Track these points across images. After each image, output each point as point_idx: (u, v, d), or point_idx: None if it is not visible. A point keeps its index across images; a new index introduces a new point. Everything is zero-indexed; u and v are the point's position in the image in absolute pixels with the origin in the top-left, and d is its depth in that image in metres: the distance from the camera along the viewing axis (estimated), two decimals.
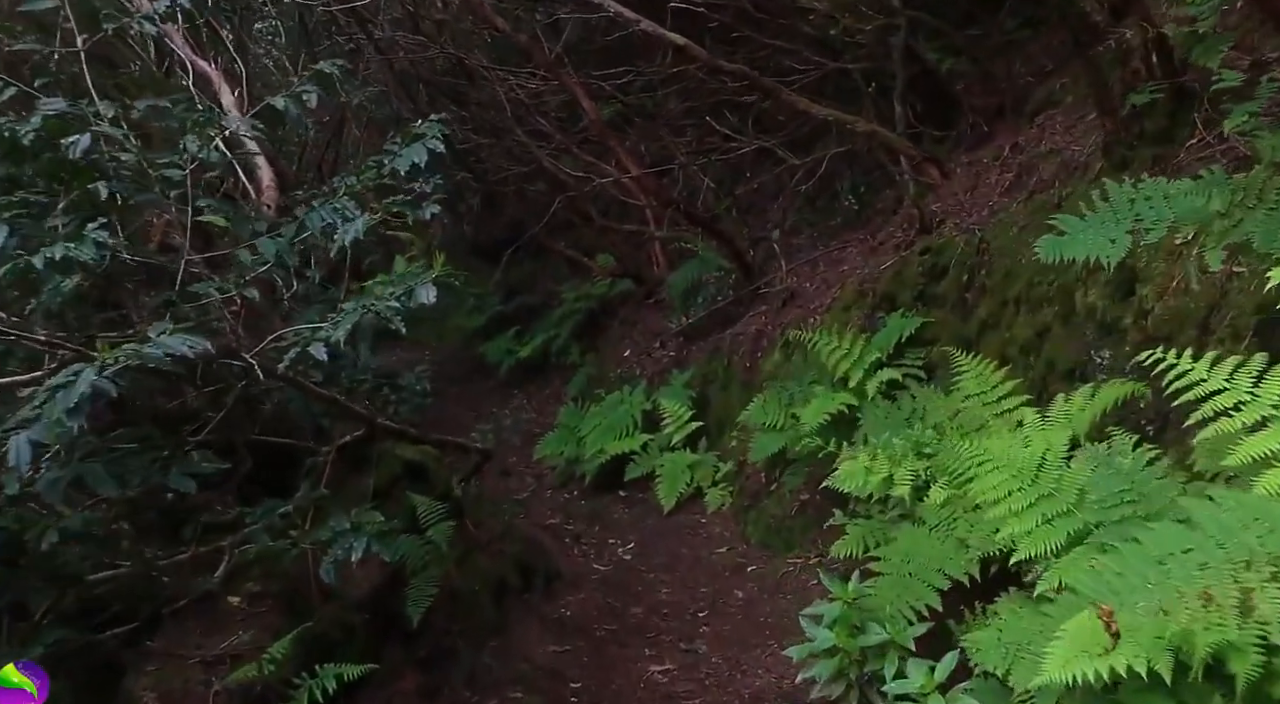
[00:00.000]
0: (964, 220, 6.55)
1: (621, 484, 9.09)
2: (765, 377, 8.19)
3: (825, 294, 8.12)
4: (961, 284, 6.19)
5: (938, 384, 6.22)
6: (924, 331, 6.41)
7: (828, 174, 10.03)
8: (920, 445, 5.12)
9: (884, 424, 5.80)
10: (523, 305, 14.11)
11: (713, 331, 9.76)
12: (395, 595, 5.31)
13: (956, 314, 6.22)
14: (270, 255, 4.15)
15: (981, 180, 7.23)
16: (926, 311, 6.49)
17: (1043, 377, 5.24)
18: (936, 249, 6.41)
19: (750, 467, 7.92)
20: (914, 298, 6.57)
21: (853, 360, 6.65)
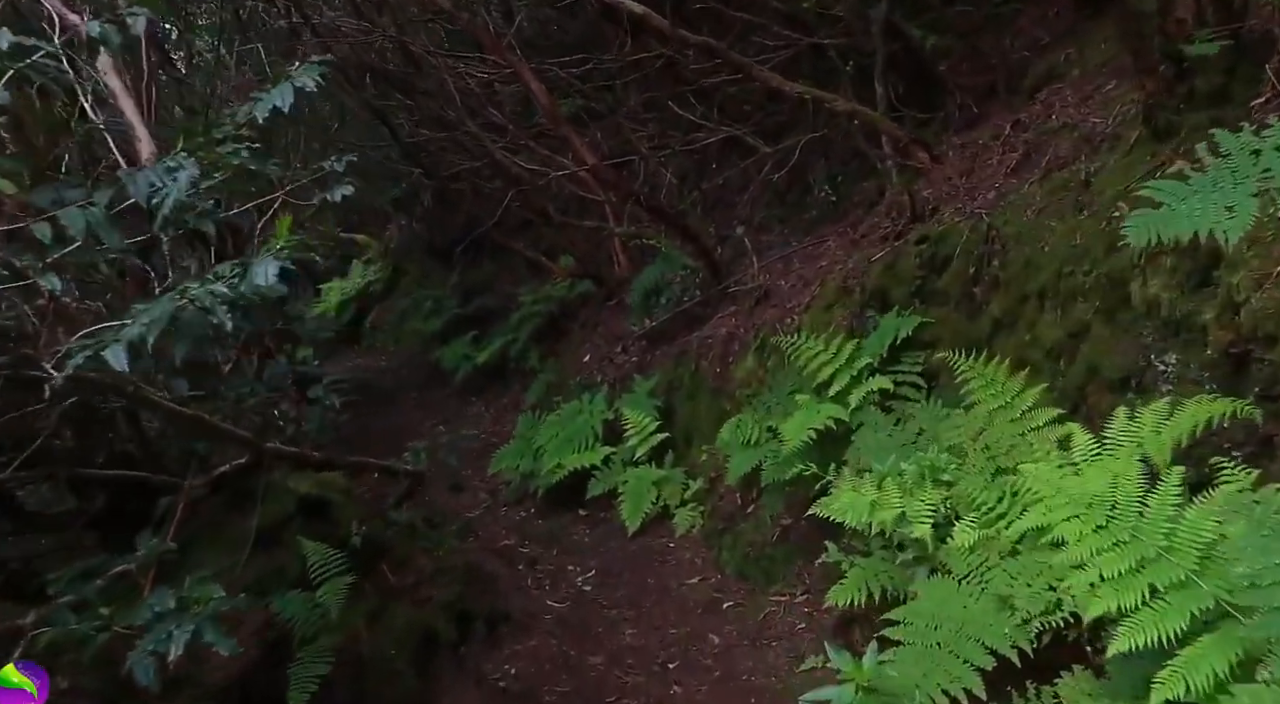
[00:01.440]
0: (965, 205, 5.42)
1: (582, 501, 7.89)
2: (738, 384, 7.02)
3: (803, 292, 6.97)
4: (967, 277, 5.05)
5: (940, 393, 5.09)
6: (923, 332, 5.28)
7: (799, 165, 8.92)
8: (936, 472, 3.97)
9: (885, 444, 4.66)
10: (481, 308, 12.86)
11: (679, 334, 8.58)
12: (277, 675, 4.01)
13: (962, 312, 5.09)
14: (79, 231, 2.91)
15: (978, 163, 6.11)
16: (925, 309, 5.35)
17: (1079, 387, 4.11)
18: (936, 238, 5.28)
19: (724, 484, 6.75)
20: (910, 294, 5.43)
21: (839, 366, 5.50)
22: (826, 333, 6.14)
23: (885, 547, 4.30)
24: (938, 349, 5.25)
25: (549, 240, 11.83)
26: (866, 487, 3.97)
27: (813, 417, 5.31)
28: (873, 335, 5.53)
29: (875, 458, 4.55)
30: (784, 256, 8.03)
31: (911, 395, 5.23)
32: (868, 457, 4.63)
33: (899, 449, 4.37)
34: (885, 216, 6.72)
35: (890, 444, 4.60)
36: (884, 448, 4.60)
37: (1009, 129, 5.95)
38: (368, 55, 9.50)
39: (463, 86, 9.54)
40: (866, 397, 5.31)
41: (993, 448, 3.91)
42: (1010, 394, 4.10)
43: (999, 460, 3.86)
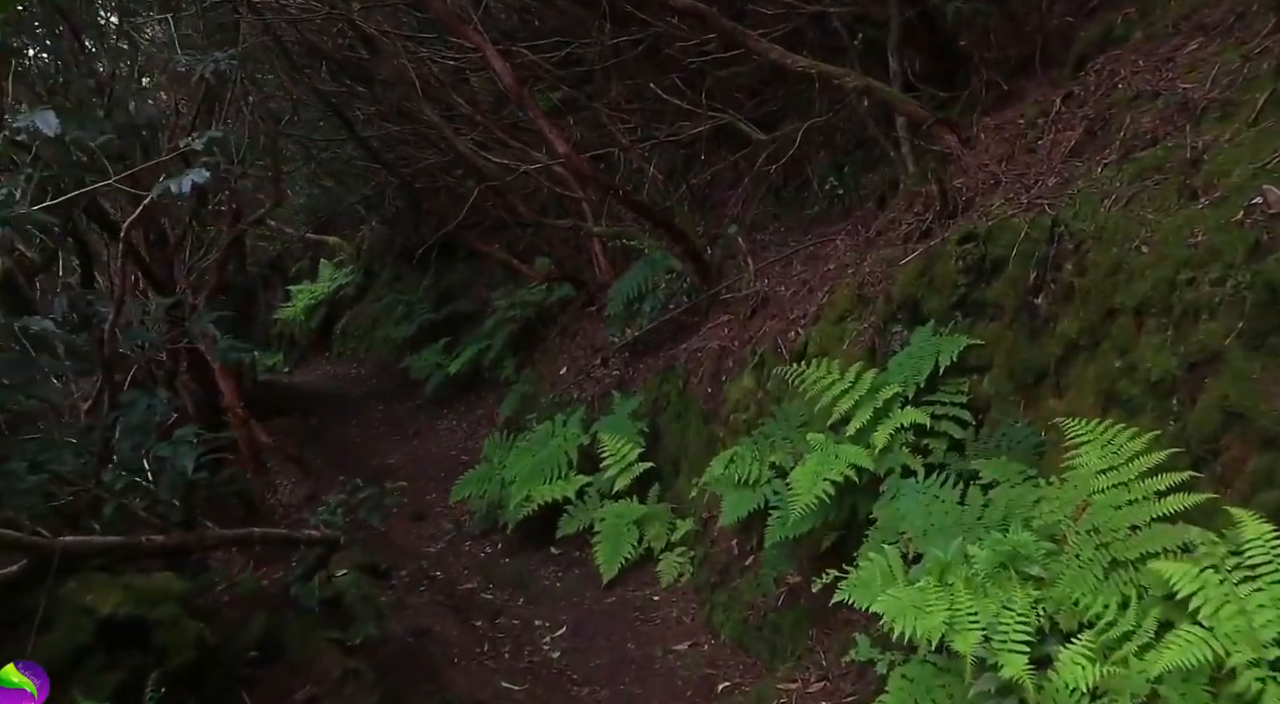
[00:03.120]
0: (1018, 195, 4.17)
1: (554, 538, 6.63)
2: (733, 406, 5.77)
3: (807, 300, 5.72)
4: (1027, 285, 3.81)
5: (993, 434, 3.85)
6: (968, 355, 4.03)
7: (798, 157, 7.65)
8: (1021, 561, 2.72)
9: (933, 510, 3.40)
10: (455, 313, 11.60)
11: (664, 346, 7.33)
12: None
13: (1020, 329, 3.84)
14: None
15: (1021, 145, 4.86)
16: (970, 325, 4.11)
17: (1207, 438, 2.87)
18: (985, 235, 4.03)
19: (717, 527, 5.51)
20: (950, 305, 4.18)
21: (859, 396, 4.24)
22: (840, 352, 4.91)
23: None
24: (987, 376, 4.02)
25: (525, 242, 10.56)
26: (927, 585, 2.71)
27: (829, 463, 4.05)
28: (901, 356, 4.29)
29: (923, 532, 3.31)
30: (783, 258, 6.78)
31: (953, 432, 3.98)
32: (912, 529, 3.38)
33: (959, 522, 3.12)
34: (906, 211, 5.47)
35: (943, 513, 3.35)
36: (931, 515, 3.35)
37: (1059, 104, 4.70)
38: (318, 37, 8.20)
39: (425, 73, 8.24)
40: (896, 436, 4.06)
41: (1101, 528, 2.65)
42: (1121, 451, 2.85)
43: (1113, 548, 2.61)
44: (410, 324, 11.85)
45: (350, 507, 4.24)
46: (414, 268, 12.83)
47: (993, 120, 5.33)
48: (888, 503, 3.92)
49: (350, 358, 13.62)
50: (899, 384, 4.19)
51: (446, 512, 8.02)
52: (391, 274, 13.35)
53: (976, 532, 3.02)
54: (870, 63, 6.22)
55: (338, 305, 13.98)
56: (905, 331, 4.48)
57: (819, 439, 4.25)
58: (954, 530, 3.10)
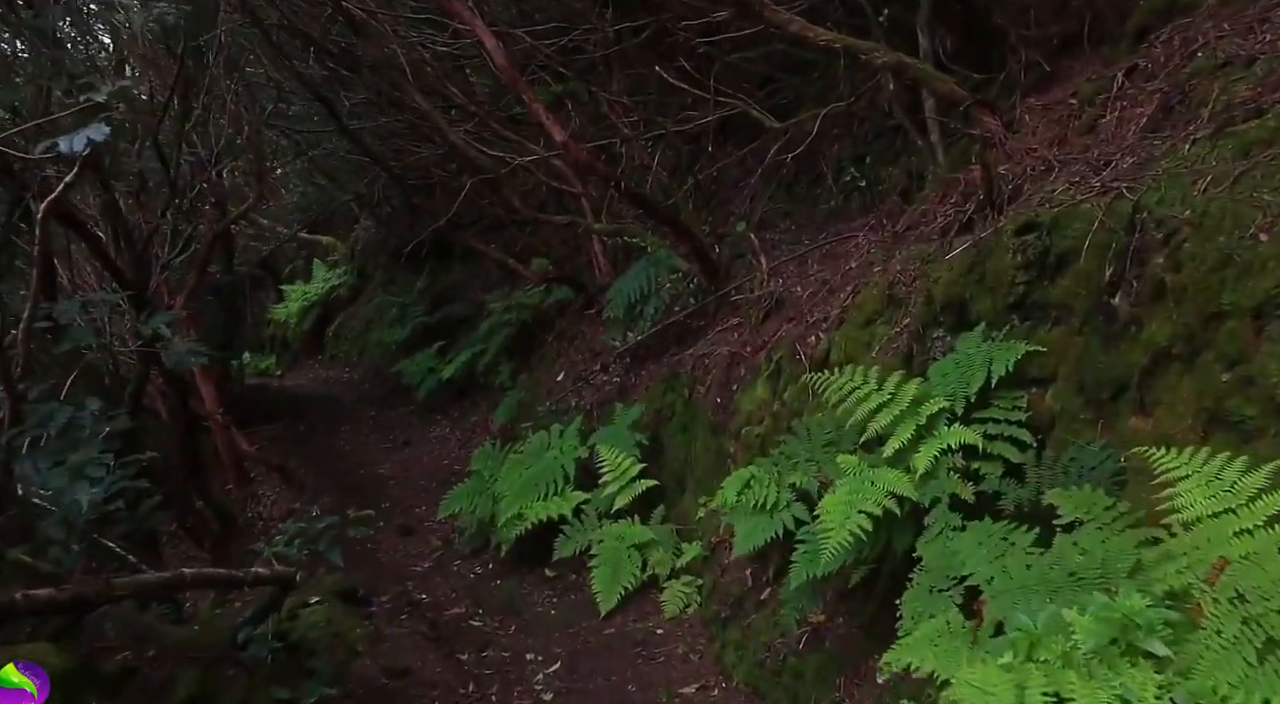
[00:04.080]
0: (1086, 179, 3.51)
1: (548, 559, 5.96)
2: (745, 419, 5.11)
3: (828, 301, 5.06)
4: (1102, 282, 3.15)
5: (1059, 457, 3.19)
6: (1027, 364, 3.37)
7: (811, 150, 7.01)
8: (1139, 635, 2.05)
9: (1005, 559, 2.74)
10: (449, 316, 10.94)
11: (668, 351, 6.67)
12: None
13: (1094, 333, 3.18)
14: None
15: (1073, 126, 4.22)
16: (1029, 329, 3.44)
17: None
18: (1049, 224, 3.36)
19: (728, 554, 4.85)
20: (1006, 306, 3.52)
21: (898, 411, 3.58)
22: (868, 358, 4.25)
23: None
24: (1050, 389, 3.36)
25: (523, 242, 9.90)
26: (1012, 663, 2.05)
27: (864, 491, 3.39)
28: (945, 365, 3.63)
29: (989, 580, 2.65)
30: (797, 257, 6.13)
31: (1010, 455, 3.32)
32: (976, 576, 2.72)
33: (1042, 579, 2.45)
34: (939, 203, 4.82)
35: (1015, 560, 2.68)
36: (1002, 563, 2.69)
37: (1121, 79, 4.05)
38: (301, 19, 7.55)
39: (416, 59, 7.59)
40: (942, 459, 3.40)
41: (1249, 596, 1.99)
42: (1237, 489, 2.19)
43: (1267, 624, 1.95)
44: (403, 327, 11.21)
45: (310, 537, 3.58)
46: (408, 268, 12.19)
47: (1038, 101, 4.68)
48: (935, 539, 3.26)
49: (343, 361, 12.96)
50: (944, 397, 3.53)
51: (436, 527, 7.36)
52: (385, 275, 12.70)
53: (1066, 589, 2.36)
54: (897, 42, 5.54)
55: (331, 307, 13.33)
56: (949, 337, 3.82)
57: (850, 462, 3.59)
58: (1037, 586, 2.43)
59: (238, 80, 7.91)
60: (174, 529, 7.26)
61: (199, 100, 7.28)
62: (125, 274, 6.68)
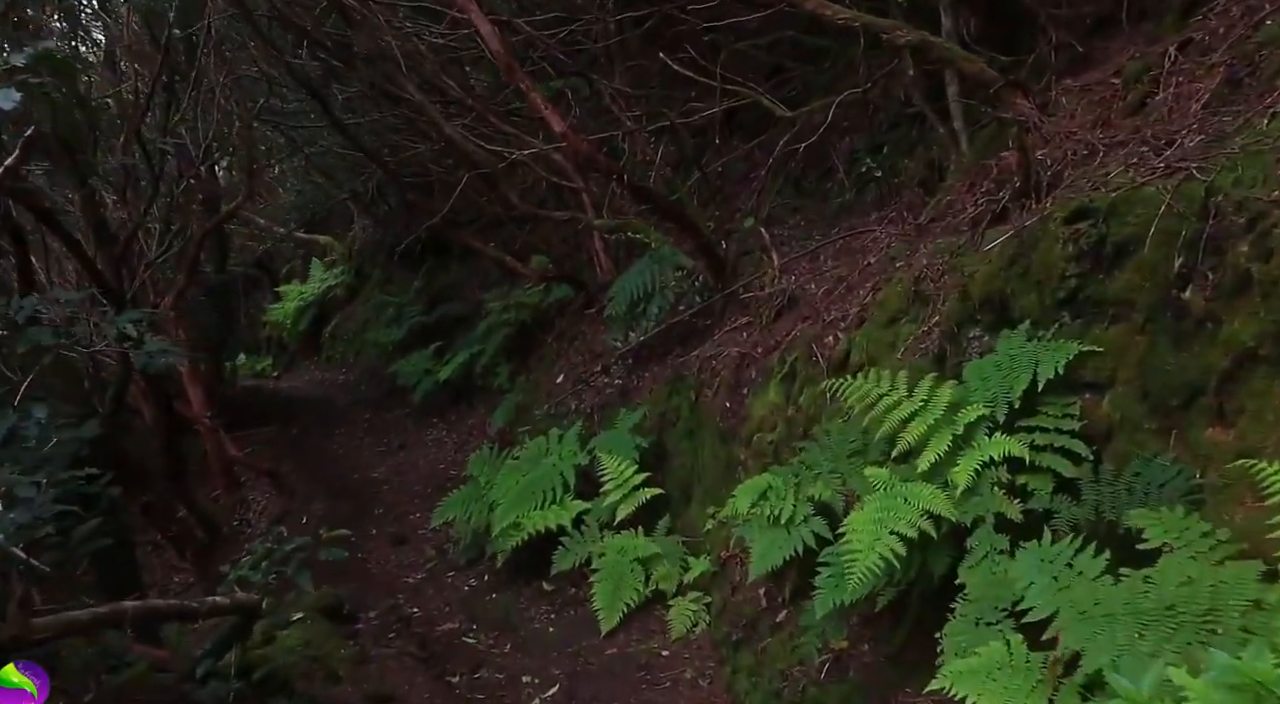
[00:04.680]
0: (1146, 159, 3.10)
1: (547, 572, 5.54)
2: (757, 424, 4.70)
3: (846, 299, 4.65)
4: (1170, 275, 2.74)
5: (1119, 472, 2.77)
6: (1080, 366, 2.95)
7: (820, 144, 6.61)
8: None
9: (1074, 591, 2.32)
10: (446, 316, 10.50)
11: (672, 352, 6.26)
12: None
13: (1161, 332, 2.77)
14: None
15: (1118, 107, 3.81)
16: (1083, 327, 3.03)
17: None
18: (1106, 210, 2.95)
19: (740, 570, 4.44)
20: (1054, 302, 3.10)
21: (932, 419, 3.16)
22: (893, 360, 3.84)
23: None
24: (1108, 394, 2.94)
25: (522, 240, 9.48)
26: None
27: (896, 509, 2.98)
28: (984, 367, 3.21)
29: (1056, 609, 2.23)
30: (809, 253, 5.72)
31: (1061, 469, 2.90)
32: (1038, 607, 2.30)
33: (1132, 614, 2.03)
34: (966, 193, 4.41)
35: (1087, 592, 2.26)
36: (1071, 595, 2.27)
37: (1174, 53, 3.64)
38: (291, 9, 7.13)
39: (411, 50, 7.18)
40: (984, 473, 2.99)
41: None
42: None
43: None
44: (400, 327, 10.77)
45: (279, 559, 3.17)
46: (406, 268, 11.78)
47: (1075, 82, 4.26)
48: (980, 564, 2.85)
49: (340, 362, 12.54)
50: (984, 404, 3.11)
51: (430, 535, 6.96)
52: (383, 275, 12.28)
53: (1160, 624, 1.94)
54: (917, 24, 5.11)
55: (328, 307, 12.91)
56: (987, 336, 3.41)
57: (880, 476, 3.18)
58: (1124, 622, 2.01)
59: (227, 73, 7.50)
60: (156, 538, 6.86)
61: (187, 93, 6.88)
62: (103, 272, 6.27)
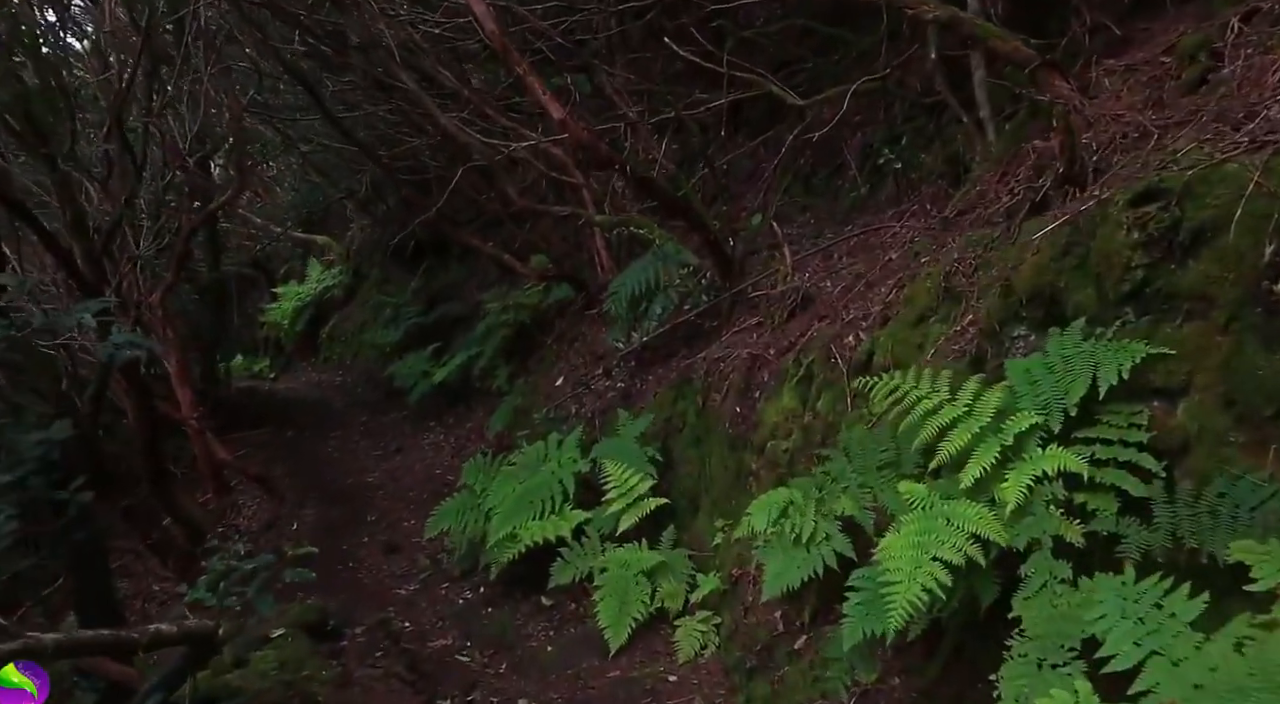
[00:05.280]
0: (1221, 133, 2.70)
1: (545, 585, 5.13)
2: (770, 431, 4.30)
3: (867, 297, 4.25)
4: (1259, 263, 2.35)
5: (1210, 497, 2.37)
6: (1148, 370, 2.56)
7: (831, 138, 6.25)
8: None
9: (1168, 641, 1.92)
10: (444, 316, 10.10)
11: (677, 353, 5.86)
12: None
13: (1249, 330, 2.38)
14: None
15: (1171, 87, 3.43)
16: (1151, 325, 2.63)
17: None
18: (1179, 191, 2.56)
19: (753, 589, 4.03)
20: (1117, 296, 2.71)
21: (977, 427, 2.76)
22: (921, 362, 3.44)
23: None
24: (1183, 402, 2.55)
25: (521, 239, 9.08)
26: None
27: (938, 532, 2.58)
28: (1033, 368, 2.81)
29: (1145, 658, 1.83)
30: (822, 250, 5.32)
31: (1128, 487, 2.50)
32: (1121, 657, 1.90)
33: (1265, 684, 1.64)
34: (998, 182, 4.02)
35: (1184, 645, 1.86)
36: (1161, 642, 1.87)
37: (1237, 25, 3.25)
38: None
39: (405, 39, 6.78)
40: (1038, 490, 2.59)
41: None
42: None
43: None
44: (397, 328, 10.38)
45: (238, 579, 2.77)
46: (404, 268, 11.38)
47: (1117, 62, 3.87)
48: (1037, 596, 2.46)
49: (336, 363, 12.14)
50: (1035, 411, 2.72)
51: (424, 543, 6.53)
52: (381, 275, 11.88)
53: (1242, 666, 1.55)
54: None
55: (325, 307, 12.50)
56: (1034, 335, 3.01)
57: (917, 492, 2.78)
58: (1259, 691, 1.62)
59: (215, 62, 7.09)
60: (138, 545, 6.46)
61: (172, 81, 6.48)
62: (80, 266, 5.87)
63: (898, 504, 2.87)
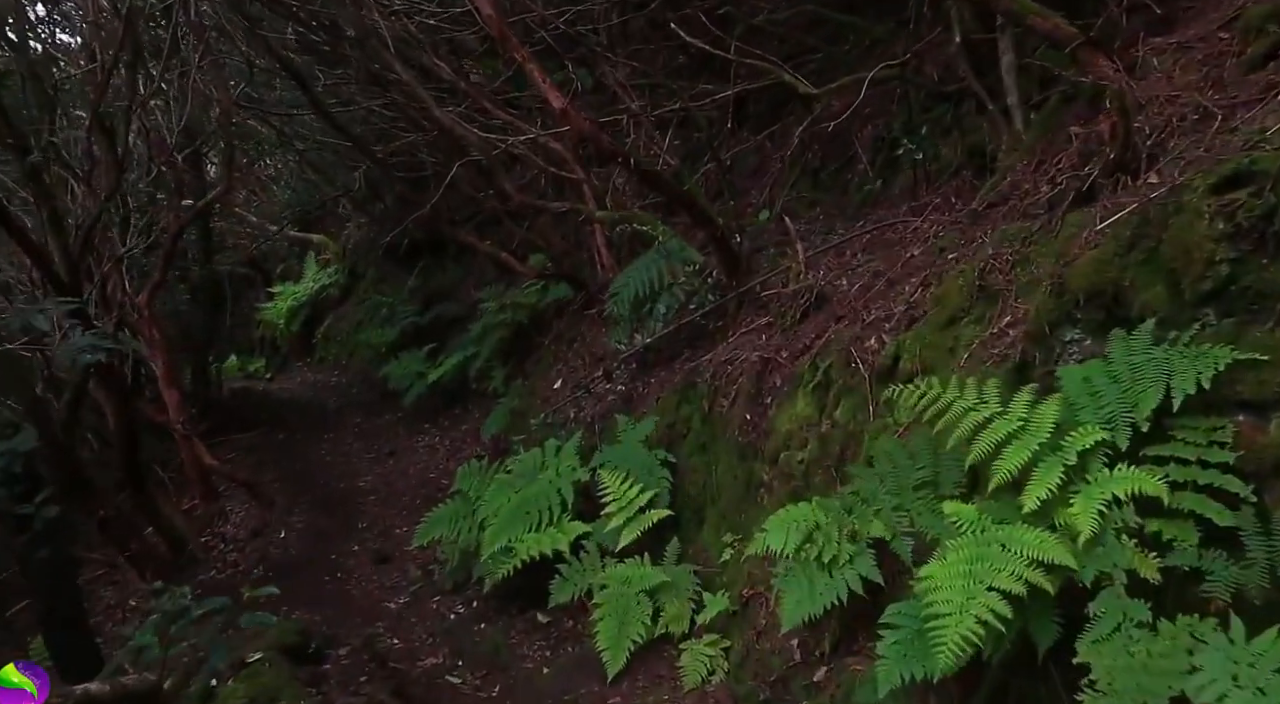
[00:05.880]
0: None
1: (542, 600, 4.74)
2: (783, 440, 3.92)
3: (888, 296, 3.87)
4: None
5: None
6: (1234, 378, 2.18)
7: (840, 132, 5.90)
8: None
9: None
10: (441, 316, 9.70)
11: (681, 356, 5.48)
12: None
13: None
14: None
15: (1232, 66, 3.05)
16: (1237, 327, 2.25)
17: None
18: (1276, 175, 2.18)
19: (765, 611, 3.65)
20: (1195, 296, 2.33)
21: (1035, 444, 2.38)
22: (953, 366, 3.07)
23: None
24: (1276, 417, 2.17)
25: (520, 237, 8.68)
26: None
27: (993, 559, 2.21)
28: (1093, 376, 2.43)
29: None
30: (835, 246, 4.94)
31: (1210, 514, 2.13)
32: None
33: None
34: (1034, 171, 3.64)
35: None
36: None
37: None
38: None
39: (400, 31, 6.39)
40: (1108, 517, 2.21)
41: None
42: None
43: None
44: (392, 328, 9.97)
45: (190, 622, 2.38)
46: (401, 267, 10.97)
47: (1167, 40, 3.49)
48: (1110, 639, 2.08)
49: (332, 364, 11.73)
50: (1098, 425, 2.34)
51: (416, 552, 6.14)
52: (377, 274, 11.47)
53: None
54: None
55: (321, 307, 12.10)
56: (1090, 339, 2.63)
57: (966, 514, 2.40)
58: None
59: (204, 54, 6.69)
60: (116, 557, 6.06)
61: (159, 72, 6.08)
62: (55, 268, 5.48)
63: (941, 528, 2.49)
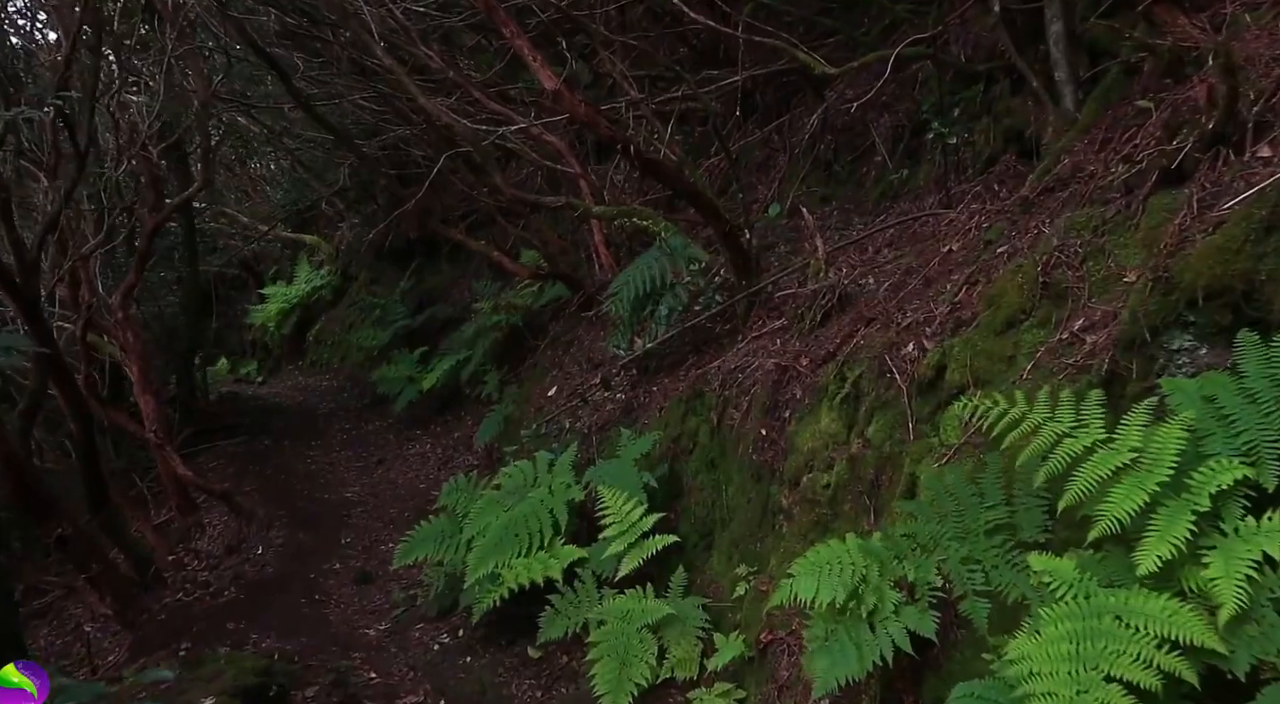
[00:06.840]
0: None
1: (533, 633, 4.15)
2: (805, 460, 3.33)
3: (925, 297, 3.30)
4: None
5: None
6: None
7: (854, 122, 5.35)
8: None
9: None
10: (434, 318, 9.12)
11: (686, 362, 4.90)
12: None
13: None
14: None
15: None
16: None
17: None
18: None
19: (788, 661, 3.06)
20: None
21: (1153, 483, 1.79)
22: (1013, 377, 2.49)
23: None
24: None
25: (515, 236, 8.10)
26: None
27: (1103, 636, 1.62)
28: (1222, 393, 1.85)
29: None
30: (856, 242, 4.37)
31: None
32: None
33: None
34: (1097, 152, 3.06)
35: None
36: None
37: None
38: None
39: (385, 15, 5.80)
40: (1262, 583, 1.63)
41: None
42: None
43: None
44: (384, 331, 9.39)
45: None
46: (394, 268, 10.39)
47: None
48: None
49: (324, 367, 11.14)
50: (1235, 458, 1.76)
51: (401, 572, 5.55)
52: (370, 275, 10.89)
53: None
54: None
55: (313, 309, 11.50)
56: (1204, 347, 2.06)
57: (1064, 573, 1.81)
58: None
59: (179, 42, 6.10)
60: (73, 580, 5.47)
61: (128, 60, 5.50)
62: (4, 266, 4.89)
63: (1026, 587, 1.91)
